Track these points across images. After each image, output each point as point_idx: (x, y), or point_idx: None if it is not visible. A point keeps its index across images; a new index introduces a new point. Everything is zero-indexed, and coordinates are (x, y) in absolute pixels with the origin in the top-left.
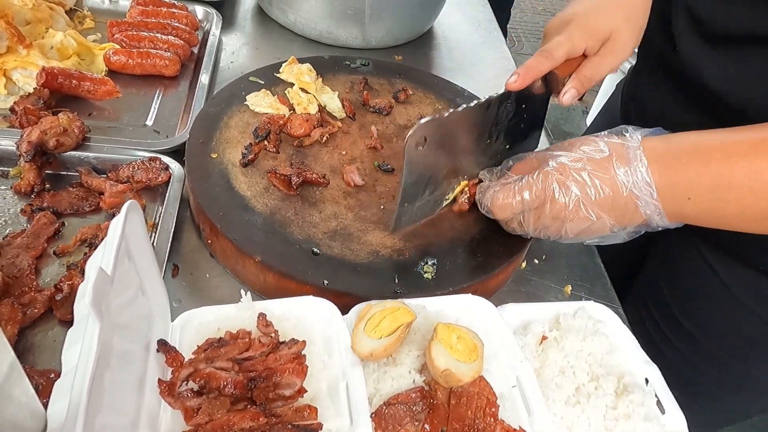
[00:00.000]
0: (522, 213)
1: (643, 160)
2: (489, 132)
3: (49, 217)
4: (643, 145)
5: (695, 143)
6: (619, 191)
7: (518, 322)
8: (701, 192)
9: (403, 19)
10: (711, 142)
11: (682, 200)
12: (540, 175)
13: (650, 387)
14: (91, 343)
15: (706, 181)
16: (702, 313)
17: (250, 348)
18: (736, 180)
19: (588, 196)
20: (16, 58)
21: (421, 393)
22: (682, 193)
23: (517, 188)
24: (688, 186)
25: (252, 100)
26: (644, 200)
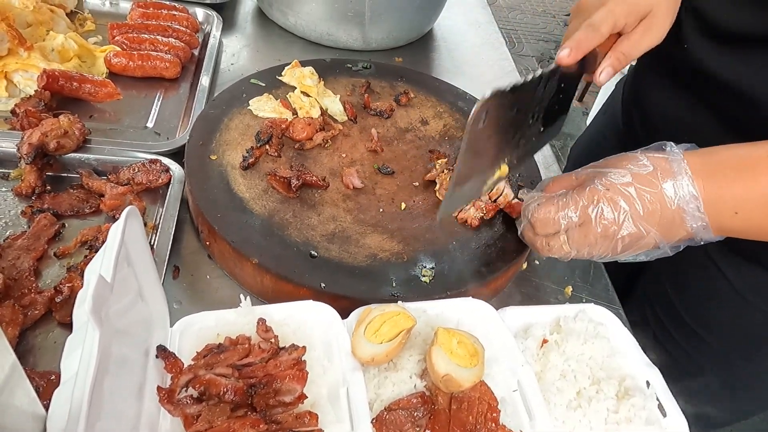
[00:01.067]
0: (566, 230)
1: (688, 173)
2: (533, 112)
3: (49, 218)
4: (686, 159)
5: (740, 156)
6: (666, 205)
7: (519, 326)
8: (749, 206)
9: (403, 21)
10: (757, 155)
11: (729, 214)
12: (587, 191)
13: (651, 390)
14: (91, 351)
15: (754, 195)
16: (707, 311)
17: (250, 354)
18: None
19: (636, 211)
20: (17, 60)
21: (422, 398)
22: (729, 207)
23: (561, 203)
24: (735, 200)
25: (255, 104)
26: (691, 214)
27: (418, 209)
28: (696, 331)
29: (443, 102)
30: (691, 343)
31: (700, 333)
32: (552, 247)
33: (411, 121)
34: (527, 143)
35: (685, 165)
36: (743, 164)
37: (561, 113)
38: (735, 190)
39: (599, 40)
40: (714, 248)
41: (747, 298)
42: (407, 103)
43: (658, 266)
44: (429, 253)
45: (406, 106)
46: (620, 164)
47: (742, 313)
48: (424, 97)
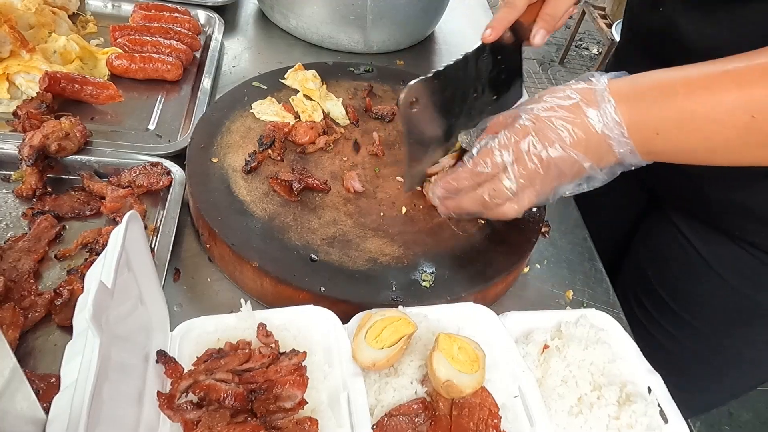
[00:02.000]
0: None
1: (611, 101)
2: (474, 87)
3: (50, 220)
4: (609, 87)
5: (659, 80)
6: (592, 133)
7: (520, 331)
8: (668, 126)
9: (404, 24)
10: (674, 77)
11: (651, 136)
12: (515, 127)
13: (653, 396)
14: (91, 358)
15: (671, 115)
16: (687, 292)
17: (250, 359)
18: (699, 112)
19: (563, 140)
20: (19, 62)
21: (422, 404)
22: (650, 129)
23: (495, 144)
24: (655, 121)
25: (258, 108)
26: (616, 139)
27: (419, 213)
28: (676, 311)
29: None
30: (672, 323)
31: (680, 312)
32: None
33: None
34: (482, 113)
35: (608, 93)
36: (661, 86)
37: (513, 80)
38: (654, 111)
39: (517, 14)
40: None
41: (719, 272)
42: None
43: (638, 249)
44: (429, 258)
45: None
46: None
47: (716, 289)
48: None
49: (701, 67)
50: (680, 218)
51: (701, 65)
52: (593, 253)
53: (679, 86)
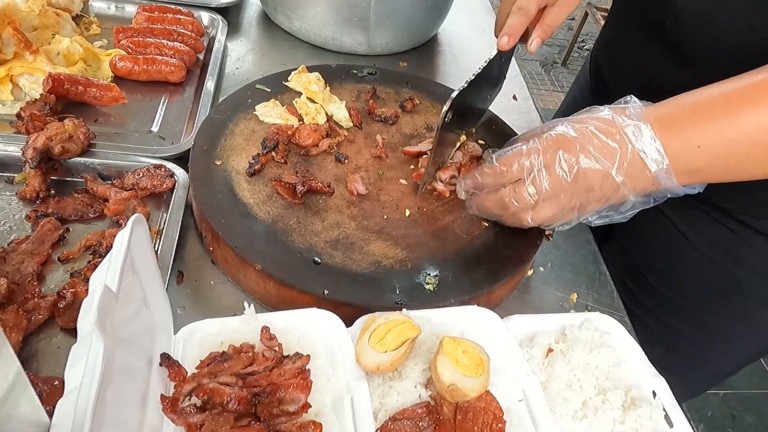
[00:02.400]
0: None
1: (647, 120)
2: (481, 88)
3: (53, 223)
4: (645, 111)
5: (695, 98)
6: (626, 147)
7: (524, 334)
8: (710, 138)
9: (407, 26)
10: (710, 94)
11: (691, 150)
12: (549, 135)
13: (658, 400)
14: (96, 362)
15: (713, 127)
16: (667, 268)
17: (253, 362)
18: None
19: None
20: (23, 64)
21: (427, 408)
22: (691, 144)
23: (526, 148)
24: (695, 136)
25: (261, 110)
26: (651, 157)
27: (422, 216)
28: (663, 294)
29: None
30: (659, 306)
31: (666, 293)
32: (519, 195)
33: (416, 128)
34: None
35: (644, 111)
36: (699, 103)
37: (502, 76)
38: (694, 126)
39: (530, 20)
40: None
41: (702, 251)
42: (412, 110)
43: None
44: (433, 261)
45: (411, 113)
46: (584, 115)
47: (699, 269)
48: (430, 103)
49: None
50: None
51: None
52: (597, 256)
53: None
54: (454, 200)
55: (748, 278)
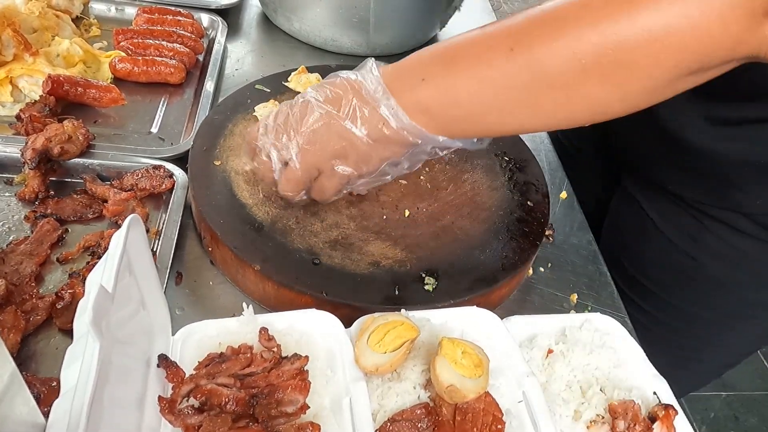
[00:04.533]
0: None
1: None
2: None
3: (52, 223)
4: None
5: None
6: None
7: (524, 335)
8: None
9: (407, 26)
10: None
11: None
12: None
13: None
14: (91, 362)
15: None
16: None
17: (252, 363)
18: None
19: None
20: (23, 65)
21: (426, 409)
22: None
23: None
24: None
25: (261, 111)
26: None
27: (422, 216)
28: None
29: None
30: (646, 300)
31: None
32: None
33: None
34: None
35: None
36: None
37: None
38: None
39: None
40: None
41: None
42: None
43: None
44: (433, 261)
45: None
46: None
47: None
48: None
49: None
50: (637, 189)
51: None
52: (598, 257)
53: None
54: (454, 200)
55: (710, 263)
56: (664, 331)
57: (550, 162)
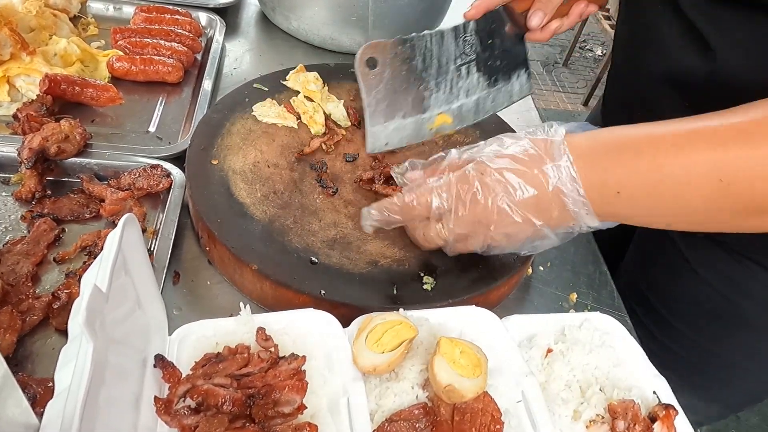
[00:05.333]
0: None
1: (568, 155)
2: (456, 65)
3: (49, 223)
4: (567, 141)
5: (622, 137)
6: (544, 189)
7: (523, 335)
8: (631, 187)
9: (406, 25)
10: (639, 135)
11: (611, 196)
12: (459, 174)
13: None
14: (85, 363)
15: (636, 174)
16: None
17: (249, 363)
18: (667, 173)
19: (511, 195)
20: (20, 65)
21: (424, 409)
22: (611, 188)
23: (431, 188)
24: (617, 180)
25: (259, 110)
26: (571, 197)
27: None
28: (666, 319)
29: None
30: (668, 335)
31: (672, 322)
32: (428, 235)
33: None
34: (469, 94)
35: (565, 146)
36: (625, 144)
37: (515, 69)
38: (616, 170)
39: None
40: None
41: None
42: None
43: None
44: (431, 260)
45: None
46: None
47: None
48: None
49: (669, 125)
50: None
51: (669, 123)
52: (597, 256)
53: (645, 145)
54: None
55: (753, 311)
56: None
57: None
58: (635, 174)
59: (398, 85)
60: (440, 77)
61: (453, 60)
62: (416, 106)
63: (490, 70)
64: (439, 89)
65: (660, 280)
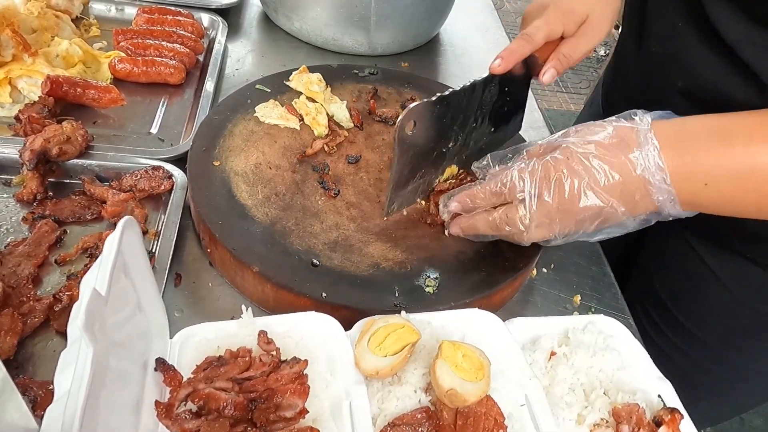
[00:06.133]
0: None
1: (654, 143)
2: (475, 116)
3: (50, 225)
4: (654, 128)
5: (713, 126)
6: (629, 175)
7: (526, 337)
8: (720, 178)
9: (409, 26)
10: (731, 124)
11: (699, 186)
12: (546, 160)
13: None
14: (85, 367)
15: (726, 166)
16: (694, 304)
17: (250, 367)
18: (759, 165)
19: (597, 180)
20: (22, 66)
21: (426, 413)
22: (698, 179)
23: (516, 171)
24: (706, 171)
25: (261, 111)
26: (657, 186)
27: (422, 218)
28: (686, 326)
29: None
30: (681, 337)
31: (690, 327)
32: (511, 219)
33: None
34: (476, 143)
35: (652, 135)
36: (714, 134)
37: (514, 113)
38: (704, 160)
39: (532, 48)
40: (694, 238)
41: (731, 289)
42: None
43: (646, 262)
44: (433, 263)
45: None
46: (585, 132)
47: (727, 305)
48: None
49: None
50: (693, 238)
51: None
52: (601, 258)
53: (737, 135)
54: None
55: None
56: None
57: None
58: (726, 162)
59: (425, 144)
60: (461, 131)
61: (474, 112)
62: (435, 164)
63: (497, 116)
64: (456, 142)
65: (684, 292)
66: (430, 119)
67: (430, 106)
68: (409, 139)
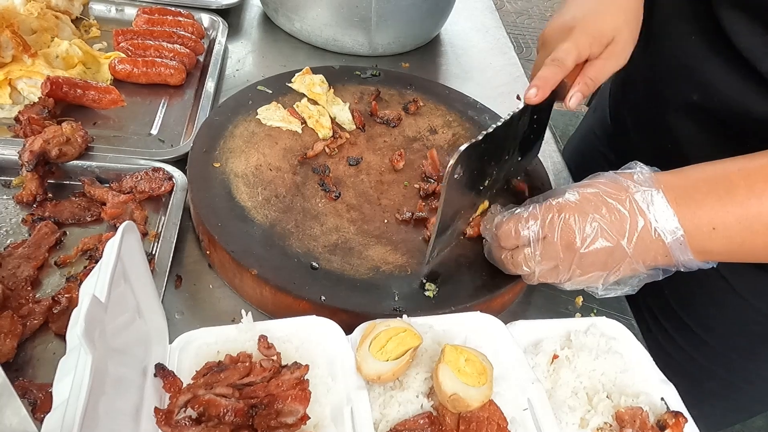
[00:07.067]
0: (529, 243)
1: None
2: (509, 149)
3: (50, 226)
4: (655, 177)
5: (711, 173)
6: (635, 213)
7: (528, 341)
8: (727, 222)
9: (409, 26)
10: (730, 170)
11: (707, 231)
12: (551, 203)
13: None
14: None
15: (732, 211)
16: (704, 311)
17: (251, 373)
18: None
19: (604, 221)
20: (22, 67)
21: (429, 419)
22: (705, 224)
23: (526, 215)
24: (711, 216)
25: (263, 113)
26: (665, 227)
27: (423, 220)
28: (695, 332)
29: (453, 111)
30: (691, 343)
31: (700, 333)
32: (516, 262)
33: (419, 130)
34: (506, 174)
35: (653, 178)
36: (715, 180)
37: (537, 140)
38: (711, 206)
39: (565, 73)
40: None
41: (743, 296)
42: (416, 112)
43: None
44: (434, 266)
45: (414, 115)
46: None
47: (739, 312)
48: (434, 105)
49: (760, 159)
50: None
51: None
52: None
53: (739, 179)
54: None
55: None
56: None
57: (554, 162)
58: (731, 207)
59: (466, 185)
60: (497, 165)
61: (509, 144)
62: (472, 203)
63: (525, 144)
64: (491, 178)
65: (695, 298)
66: (475, 159)
67: (477, 146)
68: (456, 183)
